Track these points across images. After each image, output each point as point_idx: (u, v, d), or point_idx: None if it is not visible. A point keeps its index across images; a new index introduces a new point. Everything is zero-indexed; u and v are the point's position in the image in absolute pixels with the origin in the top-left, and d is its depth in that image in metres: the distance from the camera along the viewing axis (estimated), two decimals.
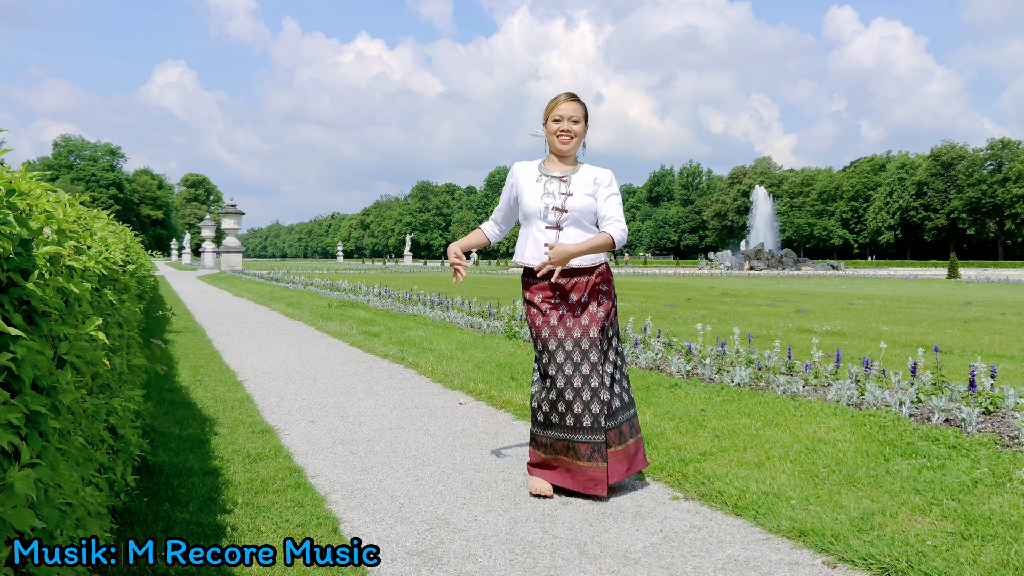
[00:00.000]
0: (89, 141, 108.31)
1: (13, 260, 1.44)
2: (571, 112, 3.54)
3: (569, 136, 3.54)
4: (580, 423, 3.36)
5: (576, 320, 3.47)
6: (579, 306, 3.50)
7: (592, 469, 3.35)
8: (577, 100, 3.59)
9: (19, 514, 1.32)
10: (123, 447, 2.78)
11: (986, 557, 2.53)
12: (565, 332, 3.45)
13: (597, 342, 3.46)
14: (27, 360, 1.39)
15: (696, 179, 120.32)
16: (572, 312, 3.48)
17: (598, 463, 3.35)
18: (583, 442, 3.36)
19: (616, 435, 3.47)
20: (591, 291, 3.52)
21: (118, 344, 3.16)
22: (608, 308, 3.54)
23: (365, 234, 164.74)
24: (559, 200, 3.53)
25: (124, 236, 5.35)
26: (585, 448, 3.36)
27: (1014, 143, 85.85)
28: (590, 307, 3.50)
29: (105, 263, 2.81)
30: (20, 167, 1.88)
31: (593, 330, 3.45)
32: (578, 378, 3.38)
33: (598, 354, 3.45)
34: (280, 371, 7.04)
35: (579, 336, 3.44)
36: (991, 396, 4.42)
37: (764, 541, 2.89)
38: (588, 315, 3.48)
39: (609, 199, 3.56)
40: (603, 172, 3.62)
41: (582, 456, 3.36)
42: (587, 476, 3.36)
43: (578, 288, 3.52)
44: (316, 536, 2.88)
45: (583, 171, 3.61)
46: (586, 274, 3.54)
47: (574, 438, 3.38)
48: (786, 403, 4.71)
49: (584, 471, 3.36)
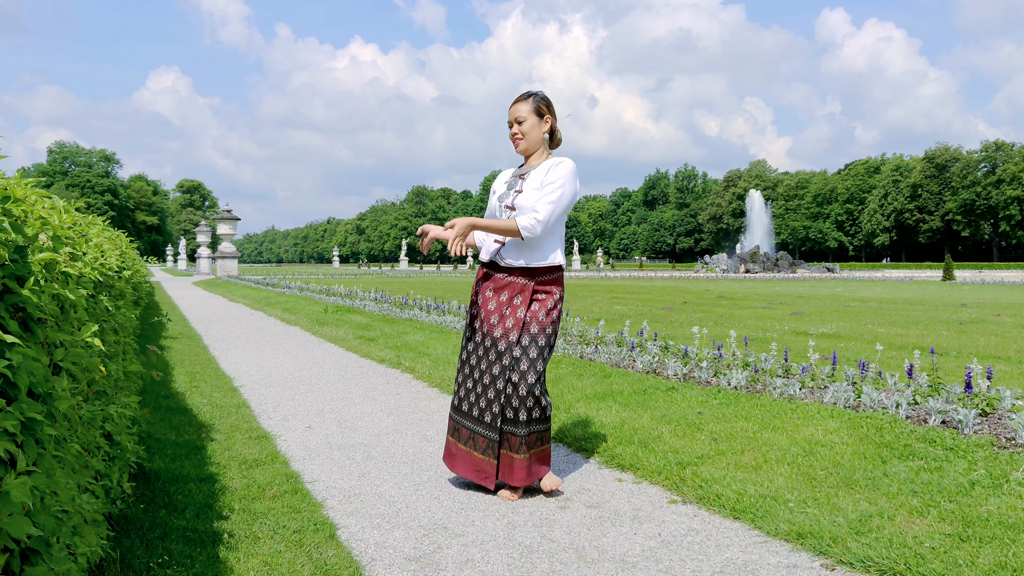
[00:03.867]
0: (84, 147, 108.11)
1: (8, 267, 1.44)
2: (516, 114, 3.58)
3: (519, 138, 3.60)
4: (482, 418, 3.49)
5: (502, 320, 3.50)
6: (509, 306, 3.51)
7: (484, 463, 3.50)
8: (523, 99, 3.59)
9: (15, 522, 1.31)
10: (119, 454, 2.77)
11: (984, 559, 2.53)
12: (488, 327, 3.52)
13: (513, 347, 3.45)
14: (23, 367, 1.38)
15: (691, 182, 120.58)
16: (500, 311, 3.52)
17: (490, 459, 3.49)
18: (481, 435, 3.51)
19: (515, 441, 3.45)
20: (525, 297, 3.51)
21: (114, 350, 3.15)
22: (539, 314, 3.49)
23: (361, 239, 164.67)
24: (512, 198, 3.57)
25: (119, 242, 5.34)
26: (483, 441, 3.50)
27: (1008, 145, 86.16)
28: (519, 312, 3.49)
29: (100, 269, 2.81)
30: (15, 173, 1.87)
31: (513, 334, 3.46)
32: (487, 376, 3.48)
33: (510, 358, 3.45)
34: (276, 376, 7.03)
35: (498, 336, 3.49)
36: (988, 397, 4.43)
37: (762, 544, 2.88)
38: (514, 319, 3.49)
39: (543, 190, 3.49)
40: (557, 164, 3.55)
41: (479, 448, 3.51)
42: (480, 468, 3.51)
43: (513, 288, 3.53)
44: (313, 542, 2.87)
45: (543, 166, 3.58)
46: (526, 277, 3.54)
47: (475, 429, 3.53)
48: (783, 406, 4.71)
49: (479, 463, 3.51)
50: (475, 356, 3.57)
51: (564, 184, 3.48)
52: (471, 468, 3.55)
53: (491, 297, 3.57)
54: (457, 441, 3.62)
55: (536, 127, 3.58)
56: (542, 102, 3.61)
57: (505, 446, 3.48)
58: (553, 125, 3.64)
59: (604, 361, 6.66)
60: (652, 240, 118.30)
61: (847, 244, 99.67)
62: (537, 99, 3.60)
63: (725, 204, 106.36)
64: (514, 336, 3.45)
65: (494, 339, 3.49)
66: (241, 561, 2.67)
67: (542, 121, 3.60)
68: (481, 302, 3.60)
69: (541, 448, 3.52)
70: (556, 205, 3.46)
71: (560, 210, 3.48)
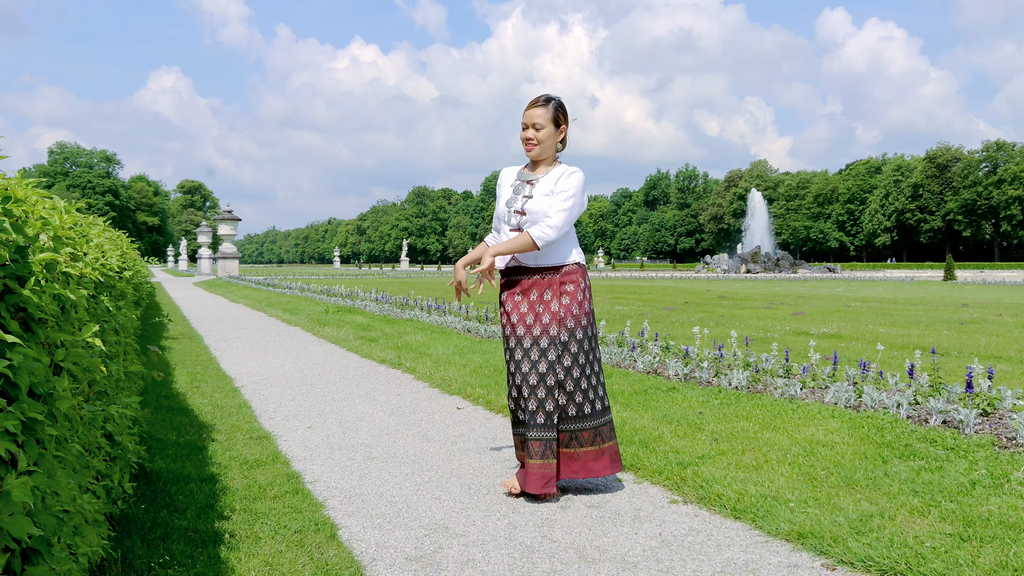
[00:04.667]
0: (85, 148, 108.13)
1: (9, 267, 1.44)
2: (534, 119, 3.54)
3: (533, 144, 3.55)
4: (534, 420, 3.42)
5: (537, 318, 3.49)
6: (540, 303, 3.50)
7: (541, 467, 3.40)
8: (542, 105, 3.55)
9: (16, 522, 1.31)
10: (120, 454, 2.77)
11: (985, 558, 2.53)
12: (525, 329, 3.50)
13: (557, 341, 3.45)
14: (24, 367, 1.38)
15: (692, 183, 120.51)
16: (533, 310, 3.51)
17: (548, 460, 3.41)
18: (535, 439, 3.41)
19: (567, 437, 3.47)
20: (554, 290, 3.51)
21: (115, 351, 3.15)
22: (571, 308, 3.49)
23: (362, 239, 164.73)
24: (521, 203, 3.55)
25: (120, 243, 5.34)
26: (537, 446, 3.41)
27: (1009, 145, 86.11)
28: (551, 305, 3.49)
29: (101, 270, 2.81)
30: (16, 174, 1.87)
31: (553, 328, 3.46)
32: (534, 375, 3.44)
33: (556, 352, 3.45)
34: (277, 377, 7.03)
35: (538, 334, 3.47)
36: (988, 397, 4.43)
37: (763, 544, 2.88)
38: (550, 313, 3.48)
39: (555, 198, 3.49)
40: (568, 173, 3.55)
41: (534, 454, 3.41)
42: (537, 474, 3.39)
43: (539, 286, 3.53)
44: (314, 542, 2.87)
45: (553, 173, 3.57)
46: (548, 273, 3.53)
47: (526, 435, 3.45)
48: (784, 406, 4.71)
49: (534, 468, 3.40)
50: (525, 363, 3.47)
51: (576, 194, 3.50)
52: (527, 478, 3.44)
53: (520, 301, 3.54)
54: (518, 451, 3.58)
55: (552, 136, 3.56)
56: (560, 111, 3.57)
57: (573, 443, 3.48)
58: (566, 135, 3.63)
59: (605, 361, 6.66)
60: (653, 240, 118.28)
61: (848, 244, 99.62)
62: (555, 106, 3.56)
63: (726, 204, 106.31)
64: (554, 330, 3.45)
65: (535, 337, 3.46)
66: (242, 561, 2.67)
67: (558, 131, 3.58)
68: (511, 308, 3.56)
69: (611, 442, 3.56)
70: (569, 213, 3.47)
71: (572, 218, 3.50)
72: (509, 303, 3.57)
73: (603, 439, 3.52)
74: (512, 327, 3.53)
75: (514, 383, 3.50)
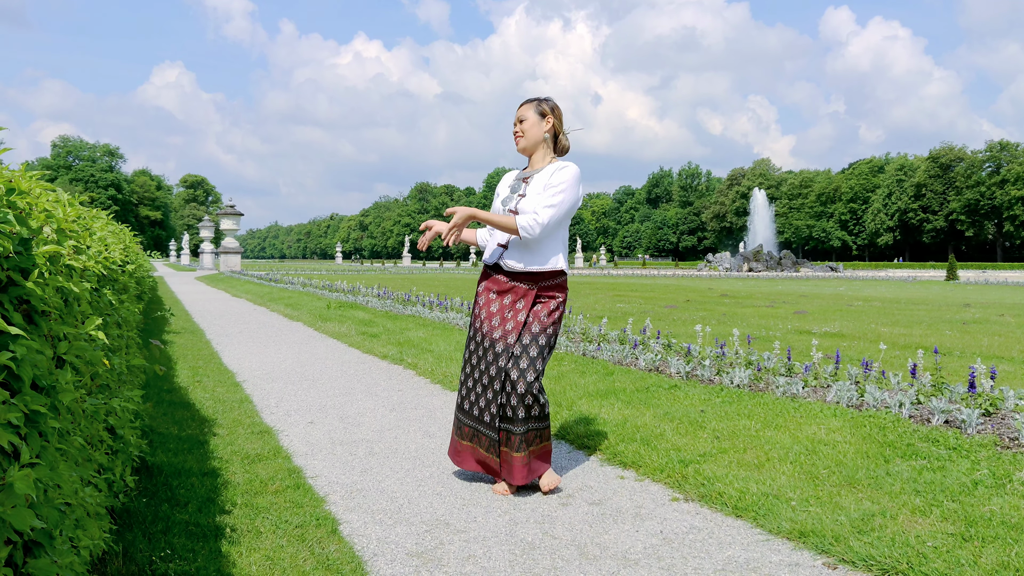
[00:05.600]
0: (88, 142, 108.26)
1: (13, 259, 1.44)
2: (519, 115, 3.67)
3: (519, 136, 3.66)
4: (482, 417, 3.53)
5: (503, 322, 3.51)
6: (511, 309, 3.53)
7: (488, 459, 3.55)
8: (529, 103, 3.67)
9: (19, 514, 1.31)
10: (122, 447, 2.77)
11: (987, 558, 2.52)
12: (489, 328, 3.54)
13: (513, 347, 3.47)
14: (27, 359, 1.38)
15: (695, 181, 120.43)
16: (502, 313, 3.54)
17: (492, 456, 3.53)
18: (484, 434, 3.54)
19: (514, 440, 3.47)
20: (528, 300, 3.52)
21: (117, 344, 3.15)
22: (542, 317, 3.50)
23: (364, 235, 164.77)
24: (515, 202, 3.58)
25: (123, 236, 5.34)
26: (484, 440, 3.55)
27: (1012, 145, 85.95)
28: (519, 315, 3.51)
29: (104, 263, 2.81)
30: (19, 167, 1.87)
31: (512, 336, 3.48)
32: (486, 376, 3.51)
33: (508, 357, 3.47)
34: (279, 372, 7.03)
35: (497, 338, 3.50)
36: (991, 397, 4.42)
37: (764, 542, 2.88)
38: (515, 322, 3.50)
39: (545, 193, 3.50)
40: (561, 168, 3.57)
41: (482, 446, 3.56)
42: (485, 462, 3.57)
43: (515, 293, 3.54)
44: (315, 537, 2.88)
45: (547, 170, 3.60)
46: (528, 281, 3.55)
47: (478, 428, 3.57)
48: (786, 404, 4.71)
49: (484, 458, 3.57)
50: (476, 356, 3.59)
51: (566, 189, 3.49)
52: (477, 462, 3.60)
53: (494, 299, 3.58)
54: (461, 439, 3.65)
55: (536, 125, 3.62)
56: (545, 103, 3.67)
57: (505, 444, 3.49)
58: (556, 128, 3.66)
59: (607, 359, 6.65)
60: (655, 238, 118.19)
61: (851, 243, 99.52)
62: (540, 100, 3.67)
63: (728, 203, 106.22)
64: (513, 338, 3.47)
65: (493, 340, 3.51)
66: (243, 555, 2.67)
67: (543, 120, 3.64)
68: (483, 303, 3.61)
69: (541, 446, 3.53)
70: (557, 209, 3.46)
71: (561, 214, 3.48)
72: (483, 298, 3.63)
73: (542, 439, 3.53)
74: (480, 321, 3.59)
75: (463, 371, 3.64)
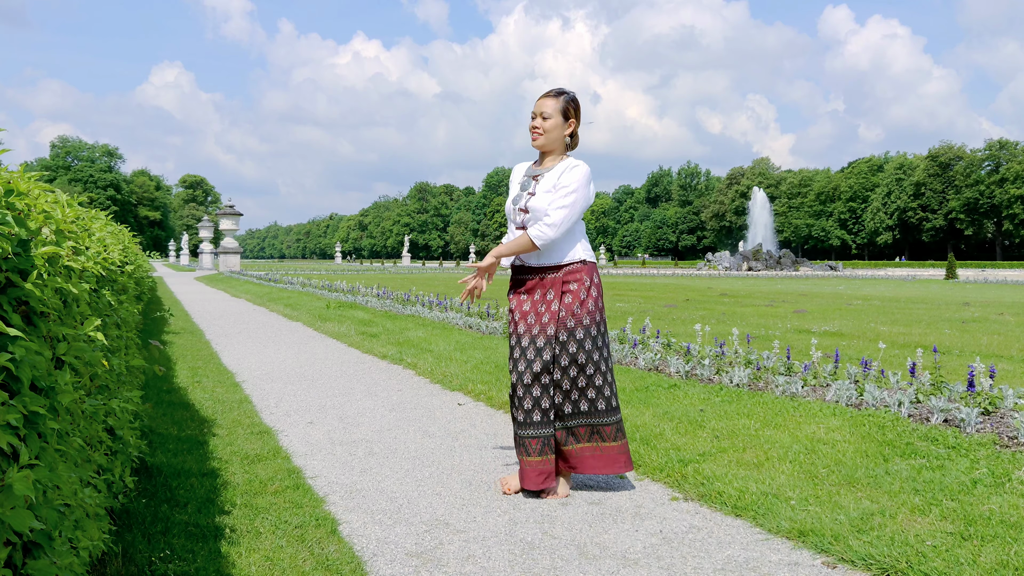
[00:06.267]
0: (87, 142, 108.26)
1: (12, 260, 1.44)
2: (543, 108, 3.49)
3: (538, 133, 3.50)
4: (530, 418, 3.40)
5: (538, 317, 3.45)
6: (543, 303, 3.46)
7: (540, 463, 3.39)
8: (553, 96, 3.50)
9: (18, 515, 1.31)
10: (121, 448, 2.77)
11: (986, 557, 2.53)
12: (525, 328, 3.46)
13: (554, 341, 3.41)
14: (26, 361, 1.38)
15: (694, 180, 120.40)
16: (535, 309, 3.47)
17: (547, 455, 3.39)
18: (532, 437, 3.40)
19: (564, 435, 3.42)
20: (556, 290, 3.45)
21: (116, 345, 3.15)
22: (572, 307, 3.41)
23: (363, 235, 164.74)
24: (525, 201, 3.50)
25: (122, 237, 5.34)
26: (535, 443, 3.39)
27: (1012, 143, 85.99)
28: (552, 305, 3.44)
29: (103, 264, 2.81)
30: (18, 168, 1.87)
31: (551, 328, 3.41)
32: (528, 374, 3.40)
33: (552, 352, 3.40)
34: (278, 372, 7.03)
35: (536, 333, 3.43)
36: (990, 396, 4.42)
37: (764, 542, 2.88)
38: (549, 313, 3.43)
39: (556, 194, 3.42)
40: (571, 167, 3.47)
41: (532, 451, 3.39)
42: (534, 471, 3.38)
43: (542, 286, 3.48)
44: (315, 537, 2.88)
45: (557, 168, 3.49)
46: (551, 272, 3.49)
47: (523, 432, 3.43)
48: (785, 403, 4.71)
49: (532, 465, 3.39)
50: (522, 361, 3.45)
51: (578, 188, 3.40)
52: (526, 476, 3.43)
53: (525, 300, 3.51)
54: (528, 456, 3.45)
55: (559, 127, 3.49)
56: (571, 103, 3.51)
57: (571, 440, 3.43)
58: (575, 129, 3.55)
59: None
60: (655, 237, 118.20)
61: (850, 242, 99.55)
62: (567, 99, 3.51)
63: (728, 202, 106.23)
64: (552, 329, 3.40)
65: (532, 336, 3.43)
66: (243, 556, 2.67)
67: (566, 123, 3.51)
68: (515, 306, 3.54)
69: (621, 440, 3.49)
70: (570, 210, 3.39)
71: (574, 215, 3.41)
72: (514, 301, 3.55)
73: (602, 438, 3.44)
74: (515, 325, 3.51)
75: (512, 381, 3.48)
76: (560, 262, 3.47)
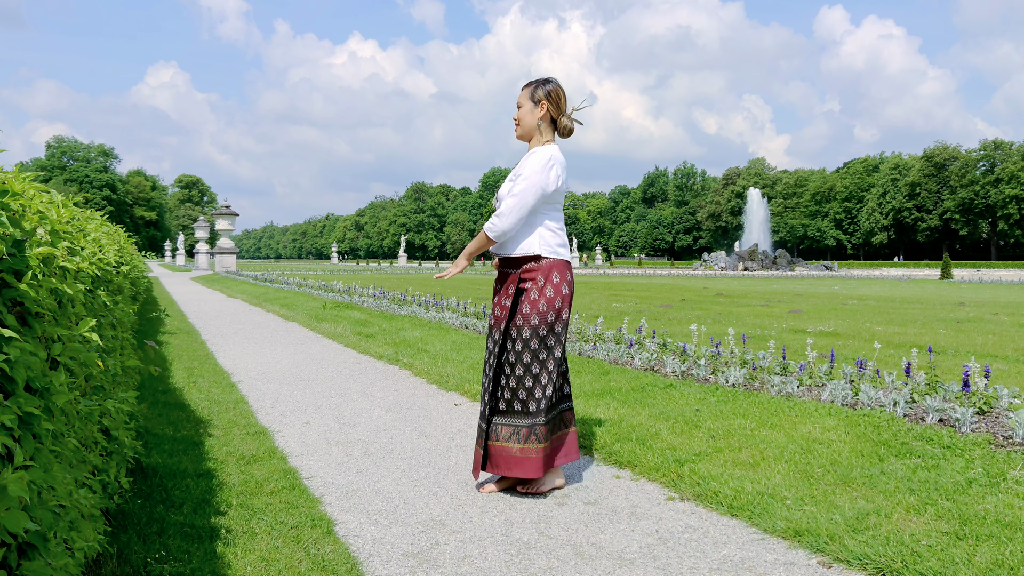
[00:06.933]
0: (82, 142, 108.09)
1: (6, 261, 1.43)
2: (518, 100, 3.58)
3: (516, 125, 3.58)
4: (483, 408, 3.50)
5: (503, 310, 3.50)
6: (506, 296, 3.51)
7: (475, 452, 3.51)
8: (526, 86, 3.57)
9: (12, 516, 1.31)
10: (117, 449, 2.77)
11: (981, 557, 2.53)
12: (495, 320, 3.54)
13: (498, 339, 3.46)
14: (20, 361, 1.38)
15: (690, 180, 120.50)
16: (500, 302, 3.54)
17: (479, 445, 3.49)
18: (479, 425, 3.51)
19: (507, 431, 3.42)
20: (514, 285, 3.48)
21: (112, 345, 3.14)
22: (523, 306, 3.40)
23: (360, 235, 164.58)
24: (504, 189, 3.53)
25: (117, 237, 5.33)
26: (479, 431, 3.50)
27: (1006, 144, 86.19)
28: (504, 301, 3.50)
29: (99, 264, 2.80)
30: (13, 168, 1.87)
31: (503, 324, 3.46)
32: (487, 365, 3.50)
33: (496, 347, 3.46)
34: (274, 372, 7.02)
35: (491, 326, 3.53)
36: (985, 396, 4.44)
37: (759, 541, 2.89)
38: (501, 308, 3.51)
39: (514, 183, 3.43)
40: (530, 155, 3.47)
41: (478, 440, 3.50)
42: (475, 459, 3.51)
43: (510, 280, 3.52)
44: (311, 538, 2.87)
45: (523, 157, 3.53)
46: (512, 267, 3.52)
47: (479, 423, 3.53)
48: (781, 403, 4.72)
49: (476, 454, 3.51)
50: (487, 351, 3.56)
51: (529, 175, 3.38)
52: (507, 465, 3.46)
53: (498, 290, 3.62)
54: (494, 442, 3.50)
55: (529, 113, 3.52)
56: (539, 88, 3.53)
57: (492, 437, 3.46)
58: (552, 113, 3.53)
59: (602, 358, 6.66)
60: (651, 238, 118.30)
61: (845, 242, 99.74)
62: (535, 84, 3.55)
63: (724, 202, 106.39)
64: (503, 325, 3.46)
65: (494, 328, 3.52)
66: (239, 556, 2.67)
67: (536, 108, 3.51)
68: (494, 296, 3.65)
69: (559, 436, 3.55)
70: (519, 199, 3.37)
71: (526, 203, 3.36)
72: (494, 291, 3.66)
73: (518, 439, 3.38)
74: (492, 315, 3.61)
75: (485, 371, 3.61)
76: (512, 254, 3.48)
